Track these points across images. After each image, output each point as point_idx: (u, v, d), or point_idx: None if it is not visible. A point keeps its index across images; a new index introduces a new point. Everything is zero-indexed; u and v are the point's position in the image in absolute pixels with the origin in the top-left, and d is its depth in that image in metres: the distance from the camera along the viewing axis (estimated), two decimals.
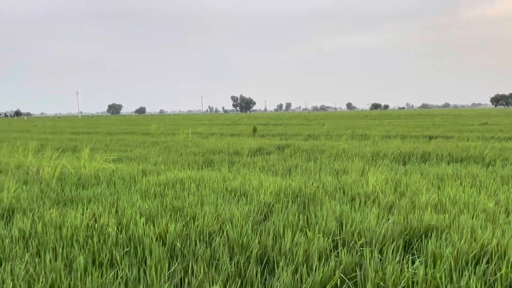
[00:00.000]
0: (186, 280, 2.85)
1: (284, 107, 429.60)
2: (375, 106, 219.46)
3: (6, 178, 6.49)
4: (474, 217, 4.09)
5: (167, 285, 2.75)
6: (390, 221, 3.87)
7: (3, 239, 3.55)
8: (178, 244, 3.36)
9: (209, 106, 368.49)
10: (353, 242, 3.45)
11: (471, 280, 2.67)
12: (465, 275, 2.73)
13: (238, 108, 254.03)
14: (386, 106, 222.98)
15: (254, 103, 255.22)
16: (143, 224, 3.83)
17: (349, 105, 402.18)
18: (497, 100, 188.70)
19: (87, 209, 4.54)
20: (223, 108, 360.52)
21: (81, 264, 2.92)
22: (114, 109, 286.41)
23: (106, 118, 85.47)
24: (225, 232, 3.64)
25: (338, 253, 3.23)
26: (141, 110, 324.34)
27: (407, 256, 3.14)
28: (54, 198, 5.18)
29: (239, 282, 2.81)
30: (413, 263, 3.15)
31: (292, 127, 25.12)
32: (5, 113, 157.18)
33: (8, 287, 2.64)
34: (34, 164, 7.86)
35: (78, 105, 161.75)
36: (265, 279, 2.93)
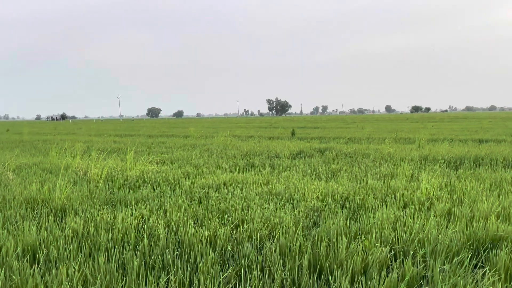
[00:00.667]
0: (240, 287, 2.75)
1: (320, 110, 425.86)
2: (416, 109, 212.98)
3: (57, 179, 6.70)
4: None
5: None
6: (452, 229, 3.61)
7: (58, 239, 3.61)
8: (229, 248, 3.28)
9: (244, 109, 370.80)
10: (413, 252, 3.23)
11: None
12: None
13: (273, 111, 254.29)
14: (428, 109, 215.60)
15: (290, 106, 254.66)
16: (192, 227, 3.78)
17: (388, 108, 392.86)
18: None
19: (135, 210, 4.57)
20: (258, 111, 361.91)
21: (135, 266, 2.89)
22: (153, 112, 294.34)
23: (146, 121, 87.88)
24: (275, 237, 3.52)
25: (399, 263, 3.03)
26: (178, 114, 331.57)
27: (476, 270, 2.89)
28: (103, 199, 5.26)
29: None
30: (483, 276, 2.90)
31: (331, 130, 24.70)
32: (51, 116, 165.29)
33: None
34: (82, 165, 8.09)
35: (119, 109, 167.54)
36: None
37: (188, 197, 5.40)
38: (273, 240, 3.49)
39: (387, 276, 2.74)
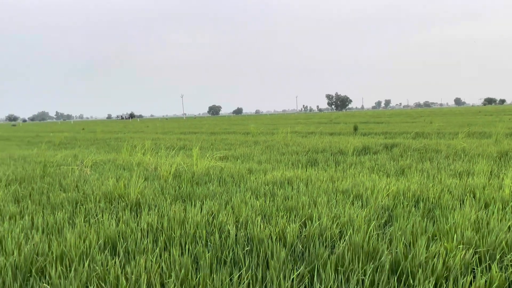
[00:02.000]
0: (314, 286, 2.70)
1: (382, 104, 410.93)
2: (489, 101, 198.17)
3: (130, 174, 7.08)
4: None
5: None
6: None
7: (135, 232, 3.79)
8: (299, 246, 3.24)
9: (303, 105, 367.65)
10: (499, 256, 2.97)
11: None
12: None
13: (333, 106, 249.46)
14: (503, 101, 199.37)
15: (350, 101, 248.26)
16: (261, 224, 3.79)
17: (457, 101, 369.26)
18: None
19: (203, 205, 4.69)
20: (317, 107, 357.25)
21: (208, 261, 2.95)
22: (214, 110, 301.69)
23: (207, 119, 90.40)
24: (347, 237, 3.42)
25: (484, 267, 2.80)
26: (238, 111, 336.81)
27: None
28: (173, 194, 5.46)
29: None
30: None
31: (396, 125, 23.70)
32: (121, 116, 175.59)
33: (144, 281, 2.76)
34: (152, 162, 8.49)
35: (182, 107, 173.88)
36: None
37: (253, 193, 5.44)
38: (344, 239, 3.39)
39: (473, 281, 2.54)
